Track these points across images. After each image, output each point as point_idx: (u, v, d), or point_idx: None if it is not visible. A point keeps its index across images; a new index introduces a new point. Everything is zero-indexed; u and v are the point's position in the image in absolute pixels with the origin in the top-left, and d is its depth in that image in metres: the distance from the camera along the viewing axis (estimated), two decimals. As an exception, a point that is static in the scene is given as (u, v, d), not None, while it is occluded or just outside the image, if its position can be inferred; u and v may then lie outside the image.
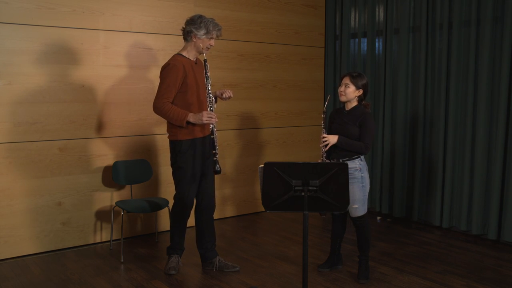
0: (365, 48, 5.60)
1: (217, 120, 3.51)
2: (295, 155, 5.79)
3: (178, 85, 3.54)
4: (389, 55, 5.32)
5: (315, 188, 2.65)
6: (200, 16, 3.62)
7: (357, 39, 5.71)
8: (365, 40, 5.59)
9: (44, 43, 4.10)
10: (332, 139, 3.51)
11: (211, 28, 3.57)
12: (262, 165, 2.71)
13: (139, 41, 4.58)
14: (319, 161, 3.47)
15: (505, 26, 4.31)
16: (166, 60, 3.58)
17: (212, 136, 3.54)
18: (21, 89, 4.02)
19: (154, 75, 4.63)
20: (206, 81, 3.56)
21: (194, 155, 3.63)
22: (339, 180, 2.68)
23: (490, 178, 4.56)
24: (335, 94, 5.93)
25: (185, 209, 3.72)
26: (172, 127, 3.63)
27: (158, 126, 4.70)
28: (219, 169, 3.51)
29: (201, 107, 3.64)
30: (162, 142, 4.76)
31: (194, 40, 3.59)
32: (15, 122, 4.02)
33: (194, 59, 3.69)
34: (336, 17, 5.92)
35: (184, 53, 3.66)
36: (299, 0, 5.72)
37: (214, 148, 3.53)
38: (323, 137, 3.53)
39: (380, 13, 5.43)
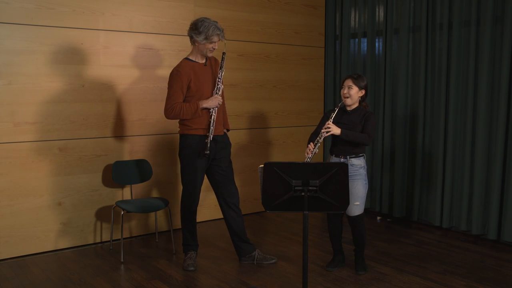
0: (365, 48, 5.59)
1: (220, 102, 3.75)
2: (295, 155, 5.78)
3: (185, 89, 3.68)
4: (389, 55, 5.31)
5: (315, 188, 2.66)
6: (202, 21, 3.67)
7: (357, 39, 5.70)
8: (365, 40, 5.58)
9: (44, 43, 4.09)
10: (336, 129, 3.54)
11: (210, 33, 3.63)
12: (262, 165, 2.71)
13: (139, 41, 4.58)
14: (314, 142, 3.58)
15: (505, 26, 4.31)
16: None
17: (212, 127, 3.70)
18: (21, 89, 4.02)
19: (154, 75, 4.63)
20: (220, 69, 3.73)
21: (196, 151, 3.73)
22: (339, 180, 2.69)
23: (490, 178, 4.55)
24: (335, 94, 5.96)
25: (187, 206, 3.85)
26: (181, 122, 3.79)
27: (158, 126, 4.70)
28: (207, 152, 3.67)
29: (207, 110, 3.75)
30: (162, 142, 4.76)
31: (196, 44, 3.71)
32: (15, 122, 4.02)
33: (203, 61, 3.77)
34: (336, 17, 5.92)
35: (191, 57, 3.79)
36: (299, 0, 5.72)
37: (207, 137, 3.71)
38: (328, 124, 3.56)
39: (380, 13, 5.43)
